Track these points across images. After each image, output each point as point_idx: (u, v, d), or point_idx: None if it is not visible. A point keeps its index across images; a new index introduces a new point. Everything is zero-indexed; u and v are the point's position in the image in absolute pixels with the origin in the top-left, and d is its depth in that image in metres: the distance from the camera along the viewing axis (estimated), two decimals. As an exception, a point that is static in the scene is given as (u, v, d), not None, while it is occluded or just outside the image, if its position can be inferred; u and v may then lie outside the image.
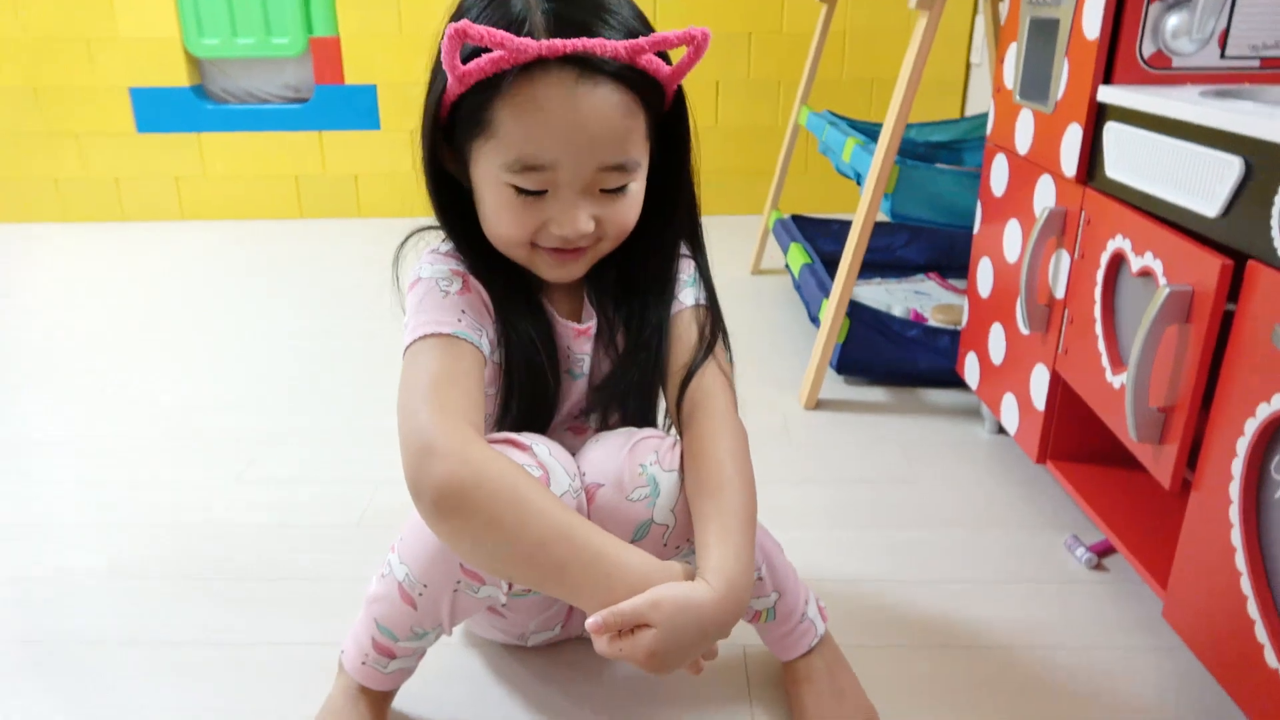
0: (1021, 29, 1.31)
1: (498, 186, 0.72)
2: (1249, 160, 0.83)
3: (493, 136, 0.70)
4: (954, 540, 1.26)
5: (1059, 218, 1.19)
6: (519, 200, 0.72)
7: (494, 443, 0.74)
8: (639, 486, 0.78)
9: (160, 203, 3.12)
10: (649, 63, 0.71)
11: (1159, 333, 0.92)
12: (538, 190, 0.72)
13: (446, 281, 0.78)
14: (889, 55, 2.90)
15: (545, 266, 0.78)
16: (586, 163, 0.71)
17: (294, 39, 2.93)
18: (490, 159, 0.72)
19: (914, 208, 1.58)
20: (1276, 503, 0.80)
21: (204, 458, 1.49)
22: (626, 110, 0.71)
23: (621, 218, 0.76)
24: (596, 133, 0.70)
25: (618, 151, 0.72)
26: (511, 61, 0.67)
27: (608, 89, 0.69)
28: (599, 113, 0.69)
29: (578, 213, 0.73)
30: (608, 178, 0.73)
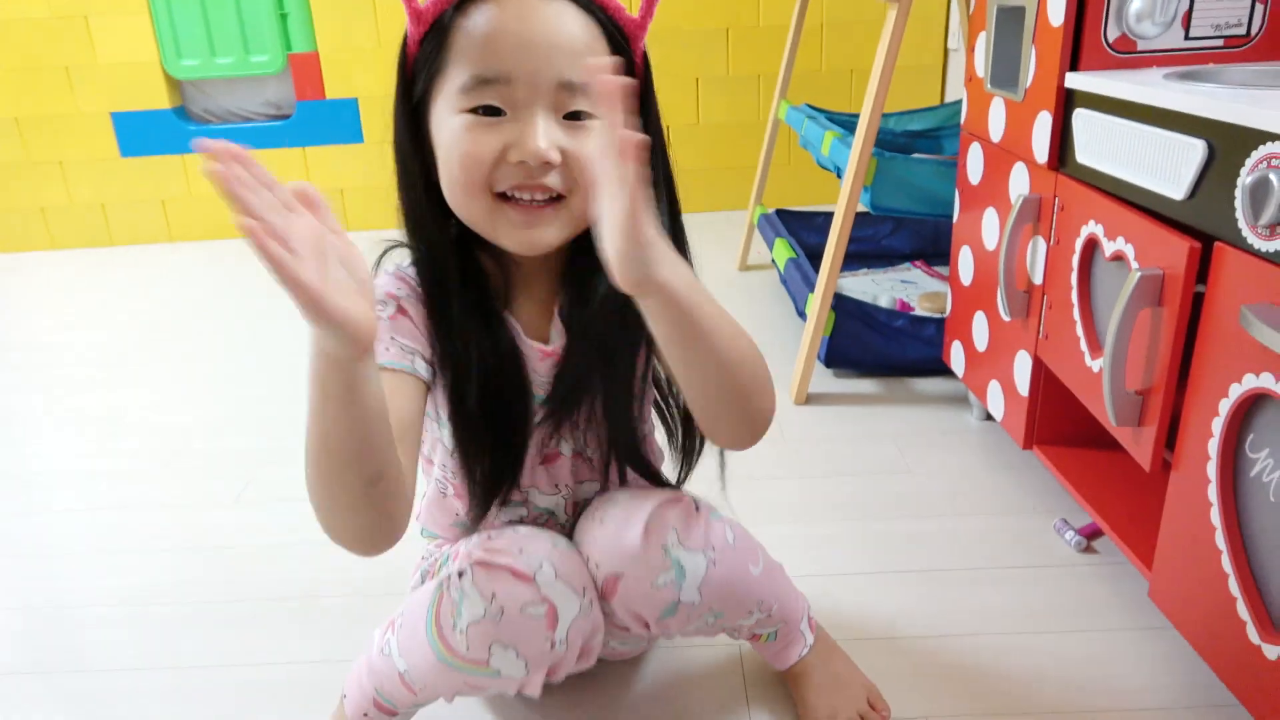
0: (990, 18, 1.31)
1: (454, 118, 0.68)
2: (1211, 142, 0.84)
3: (449, 65, 0.68)
4: (947, 529, 1.27)
5: (1033, 205, 1.20)
6: (476, 127, 0.67)
7: (494, 568, 0.70)
8: (663, 571, 0.75)
9: (148, 226, 3.13)
10: (610, 2, 0.70)
11: (1132, 316, 0.93)
12: (495, 108, 0.67)
13: (380, 306, 0.73)
14: (866, 45, 2.91)
15: (509, 227, 0.70)
16: (545, 73, 0.66)
17: (273, 56, 2.93)
18: (447, 92, 0.68)
19: (894, 199, 1.59)
20: (1252, 481, 0.82)
21: (202, 480, 1.50)
22: (586, 31, 0.68)
23: (587, 152, 0.68)
24: (554, 42, 0.66)
25: (576, 69, 0.67)
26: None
27: (570, 10, 0.68)
28: (556, 22, 0.67)
29: (537, 131, 0.66)
30: (569, 98, 0.67)
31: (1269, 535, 0.80)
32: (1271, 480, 0.79)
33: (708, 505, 0.83)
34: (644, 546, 0.75)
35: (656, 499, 0.79)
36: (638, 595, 0.76)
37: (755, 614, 0.85)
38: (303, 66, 2.95)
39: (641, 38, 0.74)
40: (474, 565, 0.72)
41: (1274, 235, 0.76)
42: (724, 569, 0.79)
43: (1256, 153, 0.78)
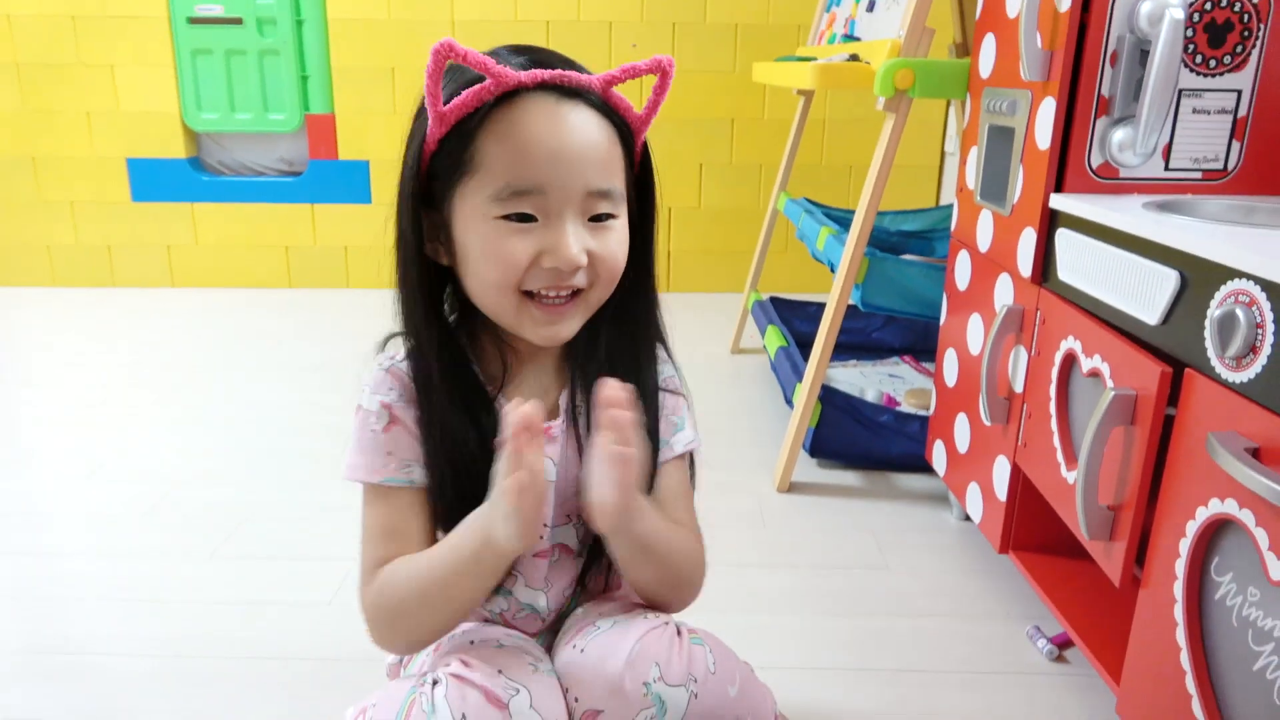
0: (981, 134, 1.37)
1: (486, 224, 0.70)
2: (1184, 273, 0.88)
3: (477, 171, 0.69)
4: (921, 629, 1.27)
5: (1016, 315, 1.24)
6: (509, 233, 0.70)
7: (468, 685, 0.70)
8: (644, 709, 0.73)
9: (151, 270, 3.17)
10: (621, 100, 0.73)
11: (1106, 433, 0.96)
12: (529, 216, 0.70)
13: (375, 418, 0.76)
14: (865, 144, 3.00)
15: (532, 324, 0.74)
16: (575, 183, 0.69)
17: (290, 115, 3.01)
18: (476, 196, 0.70)
19: (884, 298, 1.63)
20: (1217, 604, 0.83)
21: (182, 533, 1.50)
22: (607, 136, 0.71)
23: (611, 254, 0.74)
24: (582, 152, 0.69)
25: (604, 175, 0.71)
26: (493, 91, 0.67)
27: (590, 114, 0.70)
28: (583, 132, 0.70)
29: (570, 239, 0.70)
30: (596, 203, 0.71)
31: (1232, 659, 0.81)
32: (1235, 604, 0.81)
33: (687, 628, 0.82)
34: (626, 682, 0.73)
35: (640, 629, 0.76)
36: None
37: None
38: (318, 126, 3.03)
39: (644, 132, 0.78)
40: (449, 677, 0.70)
41: (1240, 367, 0.80)
42: (705, 700, 0.76)
43: (1225, 287, 0.82)
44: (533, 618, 0.85)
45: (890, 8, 1.68)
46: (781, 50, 2.91)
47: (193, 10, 2.92)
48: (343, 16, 2.93)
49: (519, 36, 2.94)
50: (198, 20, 2.93)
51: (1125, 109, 1.11)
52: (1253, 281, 0.79)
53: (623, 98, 0.74)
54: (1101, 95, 1.11)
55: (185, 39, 2.94)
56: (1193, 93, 1.11)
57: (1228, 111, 1.11)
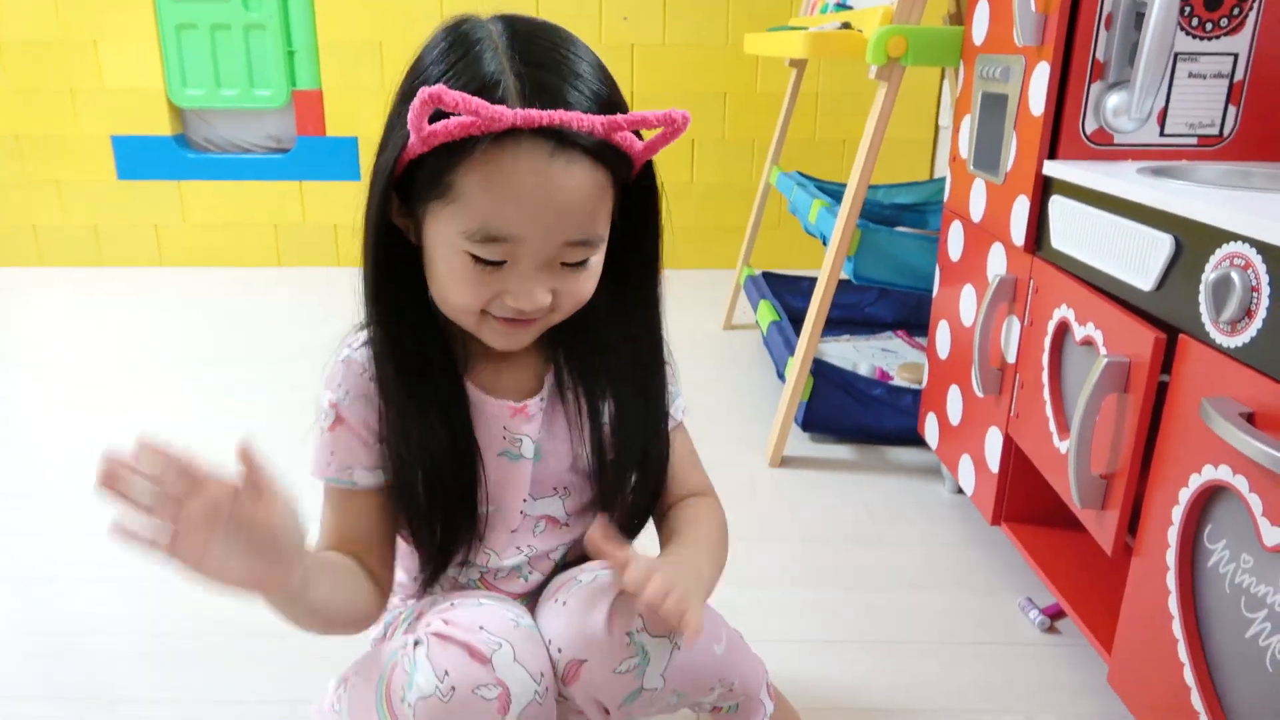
0: (974, 102, 1.36)
1: (454, 253, 0.68)
2: (1178, 238, 0.87)
3: (454, 201, 0.66)
4: (914, 602, 1.27)
5: (1009, 285, 1.23)
6: (475, 269, 0.68)
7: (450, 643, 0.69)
8: (628, 658, 0.73)
9: (139, 249, 3.14)
10: (624, 139, 0.67)
11: (1098, 402, 0.95)
12: (497, 261, 0.67)
13: (324, 416, 0.77)
14: (858, 117, 2.95)
15: (492, 334, 0.73)
16: (553, 238, 0.67)
17: (277, 91, 2.97)
18: (449, 223, 0.67)
19: (876, 270, 1.61)
20: (1209, 571, 0.83)
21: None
22: (598, 186, 0.67)
23: (578, 291, 0.72)
24: (566, 209, 0.66)
25: (585, 228, 0.68)
26: (483, 129, 0.62)
27: (582, 165, 0.66)
28: (571, 189, 0.66)
29: (535, 286, 0.69)
30: (571, 252, 0.69)
31: (1225, 626, 0.81)
32: (1228, 572, 0.80)
33: None
34: (608, 632, 0.73)
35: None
36: (600, 682, 0.74)
37: (717, 690, 0.84)
38: (306, 103, 2.99)
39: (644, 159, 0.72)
40: (430, 636, 0.70)
41: (1235, 331, 0.79)
42: (689, 654, 0.77)
43: (1220, 250, 0.81)
44: (514, 577, 0.84)
45: (883, -25, 1.65)
46: (774, 21, 2.87)
47: (176, -16, 2.88)
48: (329, -10, 2.89)
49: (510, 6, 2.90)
50: (182, -6, 2.88)
51: (1120, 73, 1.09)
52: (1248, 244, 0.77)
53: (626, 132, 0.67)
54: (1096, 59, 1.09)
55: (169, 14, 2.89)
56: (1188, 56, 1.09)
57: (1224, 76, 1.10)
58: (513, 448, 0.80)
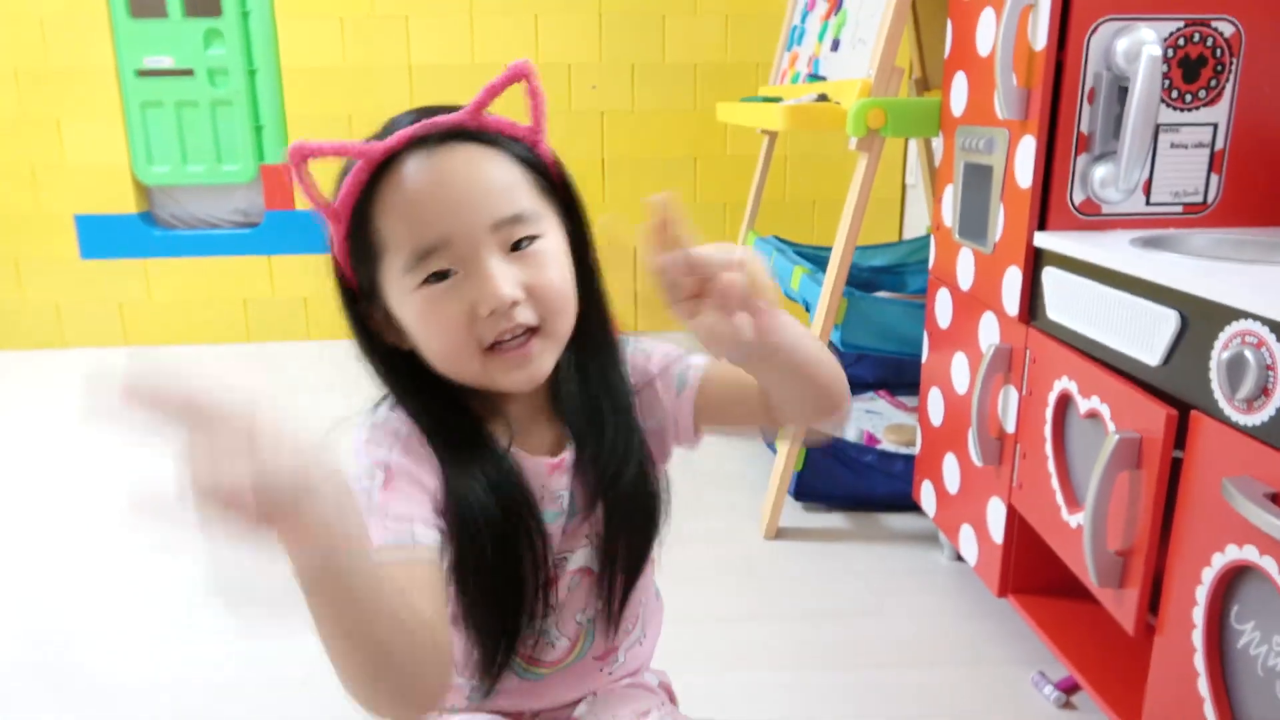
0: (956, 172, 1.37)
1: (411, 298, 0.67)
2: (1184, 313, 0.87)
3: (385, 251, 0.66)
4: (921, 679, 1.24)
5: (1005, 355, 1.22)
6: (434, 296, 0.66)
7: None
8: None
9: (103, 329, 3.06)
10: (499, 121, 0.69)
11: (1111, 478, 0.94)
12: (446, 271, 0.66)
13: (372, 478, 0.69)
14: (828, 178, 3.02)
15: (501, 373, 0.69)
16: (477, 221, 0.66)
17: (245, 166, 2.95)
18: (395, 277, 0.67)
19: (863, 338, 1.61)
20: (1240, 653, 0.81)
21: (142, 609, 1.42)
22: (495, 163, 0.68)
23: (548, 281, 0.69)
24: (473, 191, 0.66)
25: (506, 202, 0.67)
26: (367, 170, 0.65)
27: (466, 149, 0.67)
28: (467, 171, 0.66)
29: (495, 279, 0.65)
30: (510, 231, 0.67)
31: (1260, 710, 0.79)
32: (1260, 654, 0.79)
33: None
34: None
35: None
36: None
37: None
38: (274, 177, 2.97)
39: (541, 143, 0.73)
40: None
41: (1252, 409, 0.78)
42: None
43: (1230, 328, 0.80)
44: (547, 647, 0.79)
45: (856, 47, 1.68)
46: (741, 87, 2.91)
47: (141, 62, 2.85)
48: (297, 65, 2.88)
49: (477, 80, 2.84)
50: (146, 72, 2.86)
51: (1105, 145, 1.11)
52: (1259, 322, 0.77)
53: (501, 118, 0.69)
54: (1081, 132, 1.11)
55: (134, 91, 2.87)
56: (1170, 127, 1.10)
57: (1205, 145, 1.12)
58: (554, 506, 0.76)
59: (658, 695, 0.83)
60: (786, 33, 2.31)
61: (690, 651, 1.29)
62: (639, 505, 0.78)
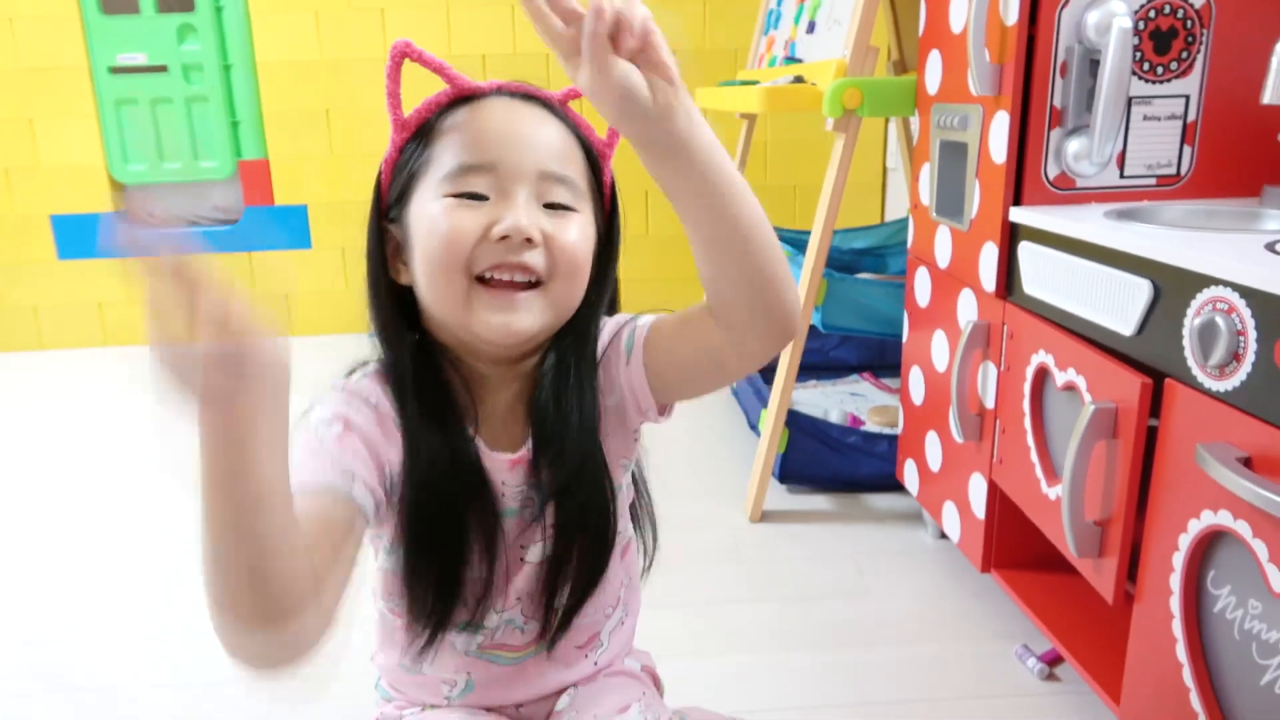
0: (933, 150, 1.37)
1: (436, 204, 0.67)
2: (1156, 282, 0.87)
3: (432, 163, 0.69)
4: (907, 657, 1.24)
5: (983, 331, 1.23)
6: (458, 206, 0.67)
7: None
8: None
9: (82, 330, 3.04)
10: (580, 117, 0.73)
11: (1088, 449, 0.94)
12: (480, 195, 0.67)
13: (325, 425, 0.68)
14: (807, 163, 3.02)
15: (484, 311, 0.67)
16: (527, 161, 0.68)
17: (222, 163, 2.92)
18: (430, 184, 0.68)
19: (844, 319, 1.61)
20: (1216, 617, 0.82)
21: (121, 609, 1.41)
22: (564, 136, 0.71)
23: (569, 241, 0.69)
24: (536, 137, 0.69)
25: (560, 162, 0.69)
26: (451, 94, 0.69)
27: (548, 115, 0.71)
28: (539, 125, 0.70)
29: (520, 209, 0.66)
30: (551, 188, 0.69)
31: (1237, 673, 0.79)
32: (1236, 618, 0.79)
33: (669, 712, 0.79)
34: None
35: None
36: None
37: None
38: (252, 173, 2.95)
39: (609, 157, 0.76)
40: None
41: (1224, 375, 0.79)
42: None
43: (1201, 295, 0.81)
44: (513, 632, 0.79)
45: (831, 29, 1.68)
46: (720, 74, 2.91)
47: (114, 59, 2.82)
48: (272, 60, 2.86)
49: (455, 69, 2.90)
50: (120, 70, 2.83)
51: (1078, 119, 1.11)
52: (1230, 288, 0.78)
53: (582, 117, 0.73)
54: (1054, 106, 1.11)
55: (108, 89, 2.84)
56: (1142, 100, 1.11)
57: (1177, 117, 1.12)
58: (512, 504, 0.75)
59: (640, 683, 0.83)
60: (763, 17, 2.31)
61: (676, 635, 1.30)
62: (591, 515, 0.77)
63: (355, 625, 0.71)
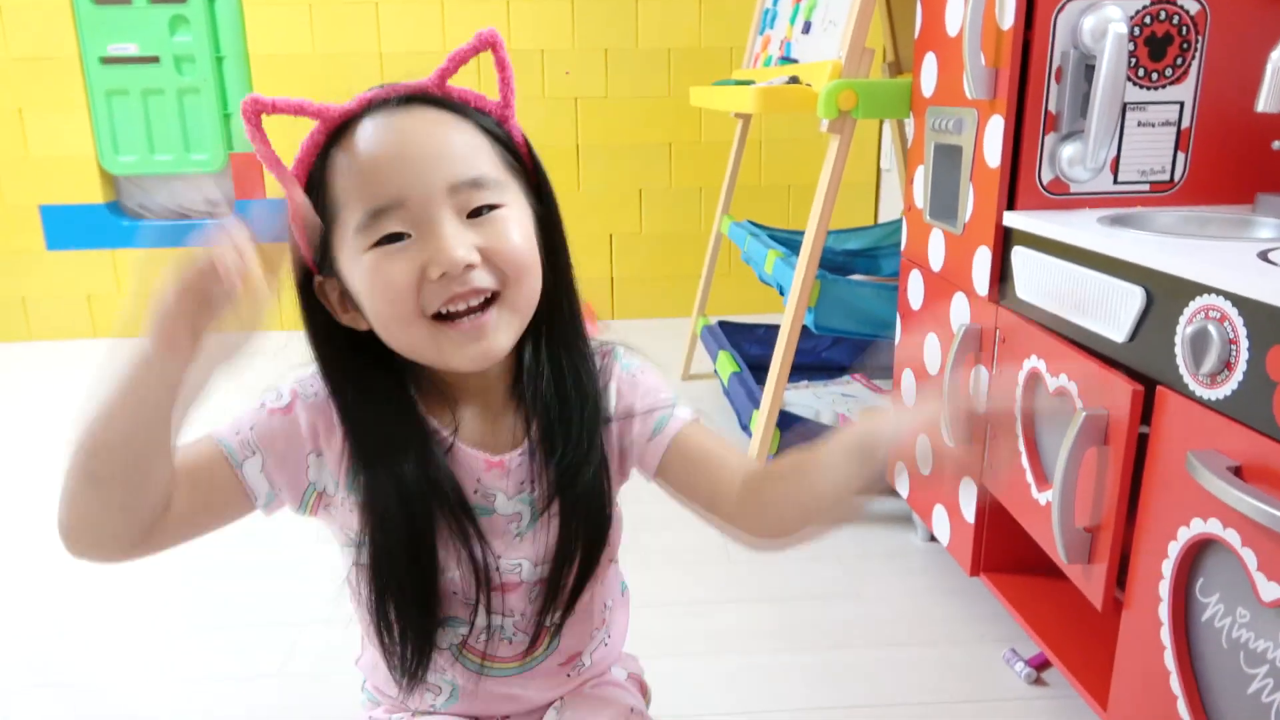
0: (927, 153, 1.37)
1: (363, 260, 0.64)
2: (1149, 290, 0.87)
3: (340, 212, 0.64)
4: (895, 659, 1.24)
5: (975, 335, 1.23)
6: (384, 256, 0.63)
7: None
8: None
9: (70, 321, 3.02)
10: (466, 91, 0.67)
11: (1079, 455, 0.94)
12: (399, 234, 0.63)
13: (275, 396, 0.70)
14: (802, 162, 3.02)
15: (455, 348, 0.65)
16: (433, 181, 0.63)
17: (214, 155, 2.91)
18: (348, 239, 0.64)
19: (836, 320, 1.61)
20: (1204, 625, 0.82)
21: (117, 605, 1.40)
22: (457, 128, 0.66)
23: (507, 243, 0.65)
24: (430, 148, 0.64)
25: (466, 165, 0.64)
26: (324, 130, 0.65)
27: (425, 110, 0.65)
28: (427, 132, 0.64)
29: (448, 239, 0.62)
30: (469, 196, 0.64)
31: (1225, 682, 0.79)
32: (1224, 626, 0.79)
33: None
34: None
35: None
36: None
37: None
38: (244, 166, 2.93)
39: (511, 118, 0.71)
40: None
41: (1215, 384, 0.78)
42: None
43: (1194, 303, 0.81)
44: (502, 643, 0.77)
45: (827, 29, 1.68)
46: (715, 73, 2.90)
47: (105, 50, 2.81)
48: (265, 52, 2.85)
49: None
50: (111, 60, 2.81)
51: (1073, 124, 1.11)
52: (1223, 297, 0.77)
53: (467, 89, 0.68)
54: (1049, 111, 1.11)
55: (99, 79, 2.82)
56: (1137, 106, 1.11)
57: (1171, 123, 1.12)
58: (486, 503, 0.73)
59: (627, 697, 0.82)
60: (759, 16, 2.30)
61: (664, 637, 1.29)
62: (591, 511, 0.75)
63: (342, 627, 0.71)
